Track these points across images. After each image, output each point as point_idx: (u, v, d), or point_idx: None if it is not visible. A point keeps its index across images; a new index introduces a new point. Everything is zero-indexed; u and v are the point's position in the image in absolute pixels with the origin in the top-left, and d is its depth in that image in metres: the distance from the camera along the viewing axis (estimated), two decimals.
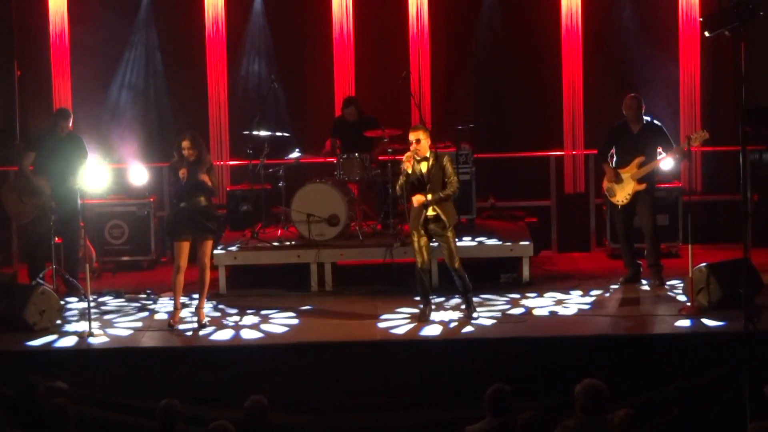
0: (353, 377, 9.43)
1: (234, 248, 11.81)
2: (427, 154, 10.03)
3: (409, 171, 9.94)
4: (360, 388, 9.37)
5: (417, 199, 9.99)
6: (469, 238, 11.93)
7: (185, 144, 10.07)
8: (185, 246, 10.11)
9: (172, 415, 7.78)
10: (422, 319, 10.22)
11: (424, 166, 10.02)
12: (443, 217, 10.00)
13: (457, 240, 10.28)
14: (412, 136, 10.03)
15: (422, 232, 10.04)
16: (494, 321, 10.18)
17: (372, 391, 9.35)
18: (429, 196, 9.95)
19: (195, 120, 13.47)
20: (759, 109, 12.72)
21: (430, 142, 10.07)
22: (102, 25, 13.57)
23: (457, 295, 10.51)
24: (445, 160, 10.04)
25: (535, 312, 10.44)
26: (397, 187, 10.18)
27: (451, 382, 9.34)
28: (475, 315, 10.21)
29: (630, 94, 11.33)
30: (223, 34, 13.53)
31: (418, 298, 10.93)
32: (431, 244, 10.14)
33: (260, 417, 7.87)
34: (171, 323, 10.14)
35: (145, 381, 9.32)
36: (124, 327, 10.30)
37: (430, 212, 10.02)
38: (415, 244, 10.10)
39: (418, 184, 10.03)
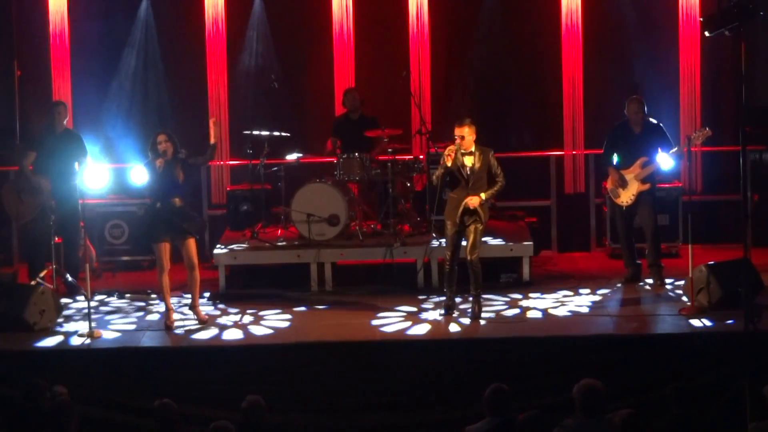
0: (353, 377, 9.42)
1: (234, 248, 11.81)
2: (473, 149, 10.09)
3: (449, 164, 9.99)
4: (360, 388, 9.37)
5: (472, 202, 9.98)
6: None
7: (161, 138, 10.11)
8: (165, 247, 10.14)
9: (168, 414, 7.77)
10: (447, 312, 10.29)
11: (468, 160, 10.09)
12: (481, 213, 10.06)
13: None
14: (457, 132, 10.07)
15: (457, 222, 10.09)
16: (494, 321, 10.18)
17: (372, 391, 9.35)
18: (482, 195, 10.00)
19: (195, 119, 13.46)
20: (759, 109, 12.71)
21: (475, 137, 10.11)
22: (102, 24, 13.56)
23: (459, 296, 10.51)
24: (491, 156, 10.13)
25: (535, 312, 10.44)
26: (434, 177, 10.26)
27: (451, 382, 9.34)
28: (481, 315, 10.20)
29: (632, 97, 11.34)
30: (223, 34, 13.51)
31: (421, 297, 10.96)
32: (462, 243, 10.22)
33: (258, 417, 7.86)
34: (167, 325, 10.15)
35: (145, 381, 9.32)
36: (123, 327, 10.30)
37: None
38: (449, 233, 10.18)
39: (459, 175, 10.07)
